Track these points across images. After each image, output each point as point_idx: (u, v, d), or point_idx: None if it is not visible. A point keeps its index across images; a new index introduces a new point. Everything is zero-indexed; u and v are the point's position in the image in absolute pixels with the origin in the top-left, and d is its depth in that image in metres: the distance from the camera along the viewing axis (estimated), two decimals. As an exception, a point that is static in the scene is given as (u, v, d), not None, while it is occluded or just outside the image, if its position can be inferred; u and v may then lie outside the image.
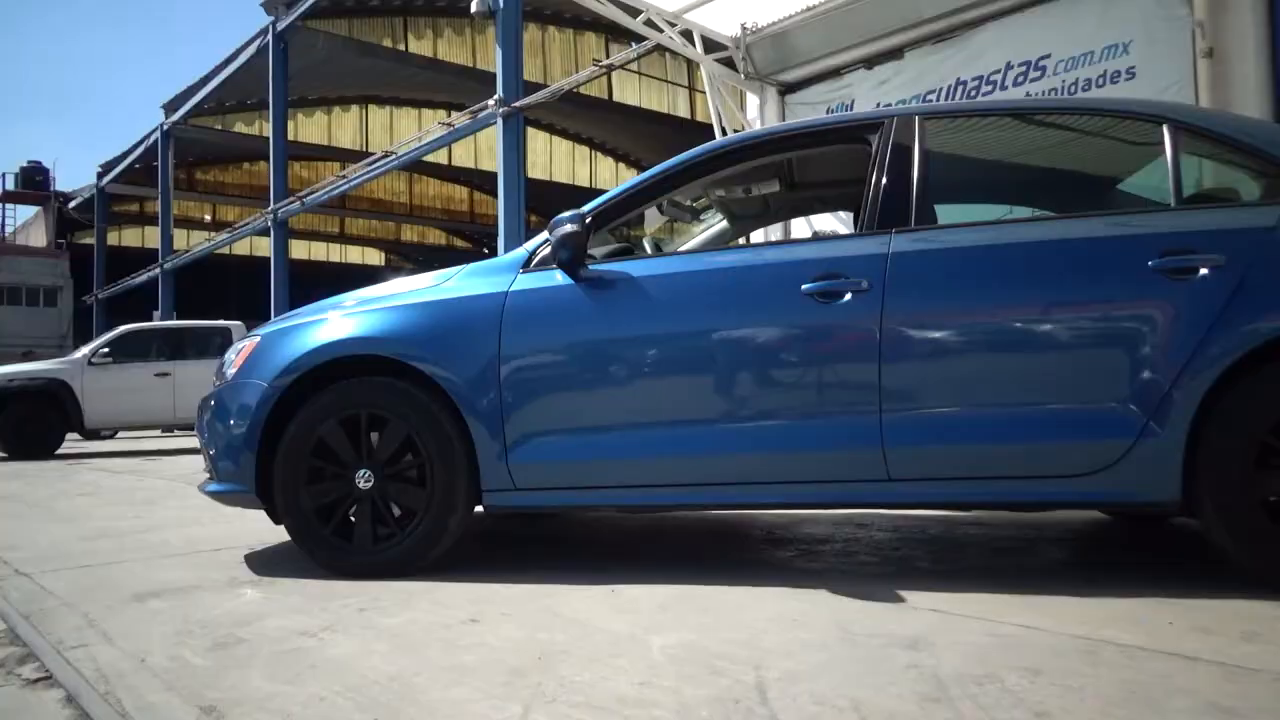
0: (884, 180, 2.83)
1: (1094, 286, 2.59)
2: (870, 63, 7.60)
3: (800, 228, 6.95)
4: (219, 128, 27.12)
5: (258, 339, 3.17)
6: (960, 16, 6.92)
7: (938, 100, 7.02)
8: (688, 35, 8.21)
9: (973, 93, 6.88)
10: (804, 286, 2.71)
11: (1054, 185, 3.69)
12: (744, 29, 8.11)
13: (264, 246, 23.11)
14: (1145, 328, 2.51)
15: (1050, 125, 3.29)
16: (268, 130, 20.80)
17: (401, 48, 24.92)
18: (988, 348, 2.65)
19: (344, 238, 36.17)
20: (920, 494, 2.69)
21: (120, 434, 13.96)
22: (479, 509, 2.95)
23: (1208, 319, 2.44)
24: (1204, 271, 2.47)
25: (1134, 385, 2.49)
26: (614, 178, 30.83)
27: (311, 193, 19.06)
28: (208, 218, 32.34)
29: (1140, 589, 2.47)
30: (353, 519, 2.93)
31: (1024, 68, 6.62)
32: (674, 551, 3.43)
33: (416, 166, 27.58)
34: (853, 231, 3.15)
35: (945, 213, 2.94)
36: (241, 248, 29.92)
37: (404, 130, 27.10)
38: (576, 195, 22.26)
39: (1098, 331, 2.60)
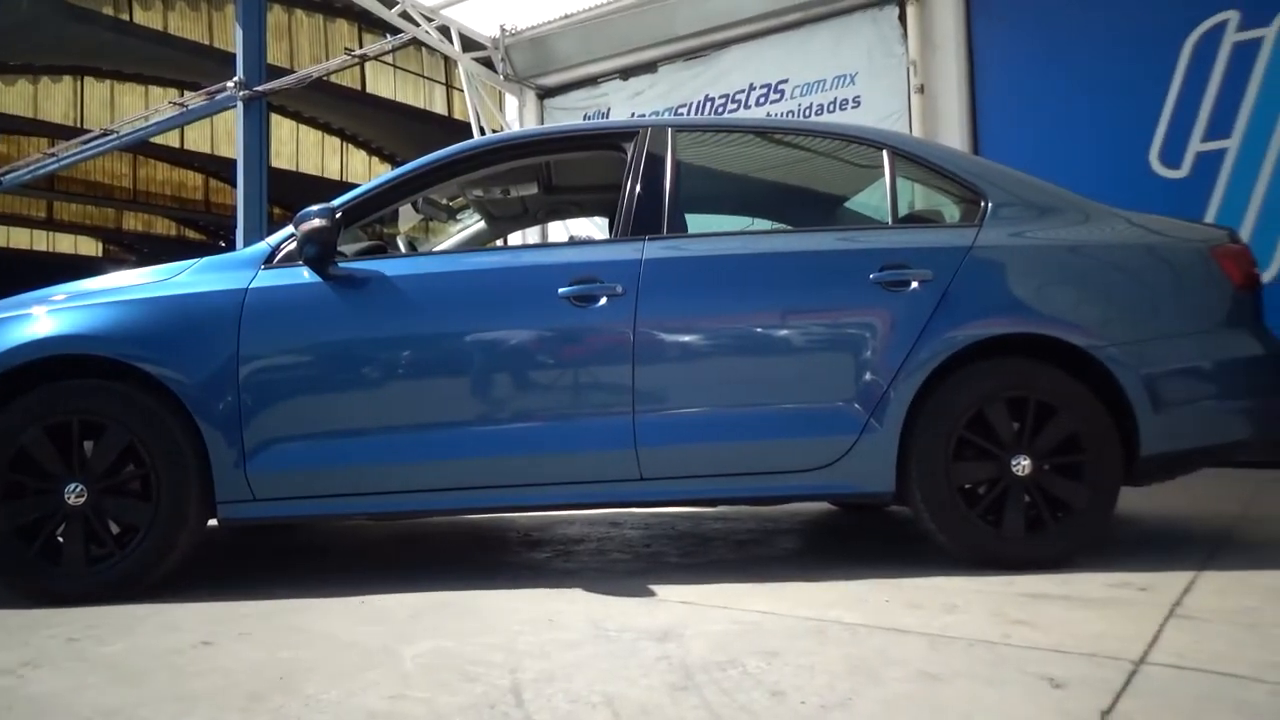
0: (638, 188, 2.93)
1: (824, 296, 2.83)
2: (626, 74, 7.83)
3: (558, 231, 7.02)
4: (-108, 90, 23.29)
5: (-60, 336, 2.75)
6: (709, 37, 7.28)
7: (688, 115, 7.35)
8: (445, 31, 8.04)
9: (720, 109, 7.26)
10: (560, 290, 2.75)
11: (791, 200, 3.99)
12: (503, 30, 8.07)
13: (-50, 230, 20.10)
14: (867, 334, 2.77)
15: (789, 144, 3.55)
16: (-44, 97, 18.12)
17: (125, 17, 22.57)
18: (732, 351, 2.82)
19: (52, 224, 32.12)
20: (670, 492, 2.80)
21: None
22: (213, 522, 2.74)
23: (918, 327, 2.73)
24: (915, 285, 2.76)
25: (858, 386, 2.74)
26: (367, 172, 29.57)
27: (12, 171, 16.79)
28: (-126, 194, 27.65)
29: (862, 571, 2.72)
30: (62, 539, 2.62)
31: (765, 89, 7.08)
32: (428, 558, 3.35)
33: (143, 148, 25.04)
34: (608, 237, 3.23)
35: (694, 222, 3.08)
36: (-80, 231, 25.87)
37: (128, 108, 24.52)
38: (326, 188, 21.16)
39: (827, 337, 2.83)
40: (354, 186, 3.08)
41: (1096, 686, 1.70)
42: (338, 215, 2.76)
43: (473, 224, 4.13)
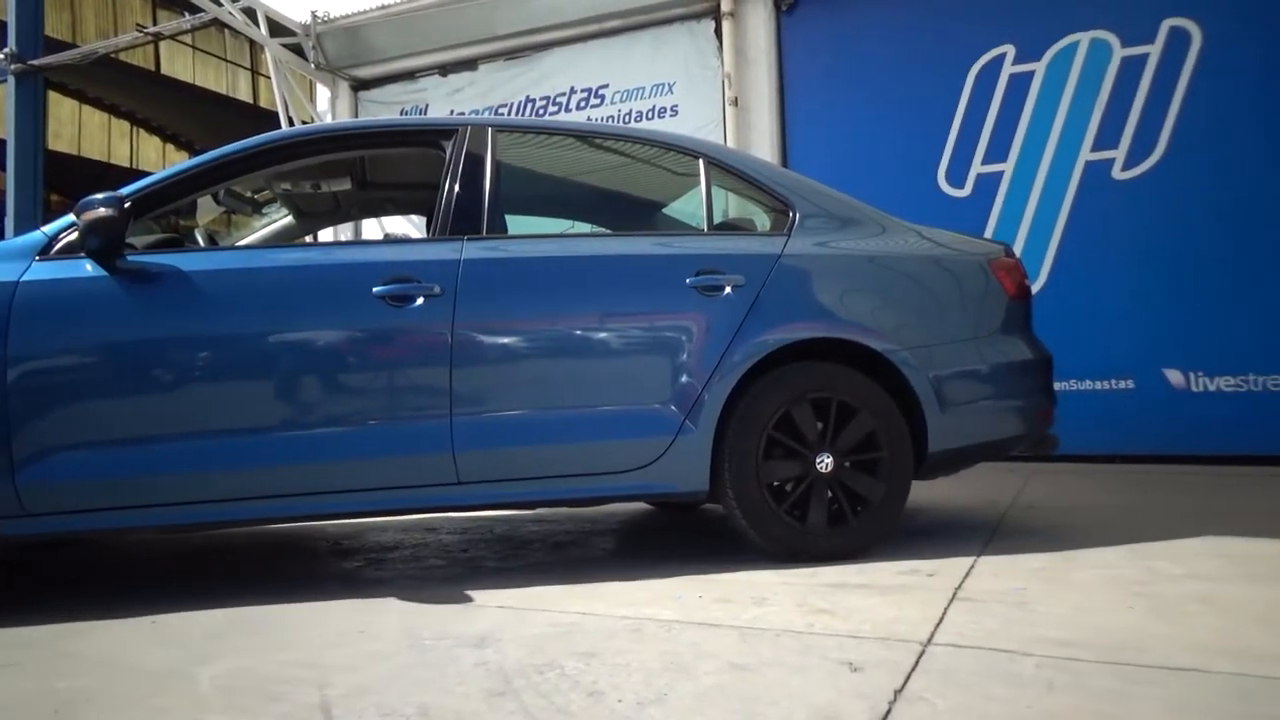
0: (457, 187, 2.89)
1: (642, 299, 2.89)
2: (445, 70, 7.68)
3: (372, 230, 6.80)
4: None
5: None
6: (530, 38, 7.26)
7: (509, 115, 7.30)
8: (251, 14, 7.60)
9: (540, 111, 7.26)
10: (375, 289, 2.67)
11: (611, 204, 4.04)
12: (315, 17, 7.72)
13: None
14: (683, 337, 2.85)
15: (610, 149, 3.58)
16: None
17: None
18: (551, 353, 2.82)
19: None
20: (489, 495, 2.77)
21: None
22: (-25, 541, 2.47)
23: (731, 331, 2.84)
24: (728, 290, 2.87)
25: (674, 388, 2.81)
26: (161, 160, 27.47)
27: None
28: None
29: (677, 569, 2.79)
30: None
31: (586, 94, 7.14)
32: (228, 572, 3.16)
33: (-111, 122, 22.25)
34: (425, 236, 3.16)
35: (514, 223, 3.07)
36: None
37: None
38: (113, 175, 19.52)
39: (644, 340, 2.89)
40: (146, 175, 2.87)
41: (890, 668, 1.83)
42: (126, 205, 2.55)
43: (279, 219, 3.93)
